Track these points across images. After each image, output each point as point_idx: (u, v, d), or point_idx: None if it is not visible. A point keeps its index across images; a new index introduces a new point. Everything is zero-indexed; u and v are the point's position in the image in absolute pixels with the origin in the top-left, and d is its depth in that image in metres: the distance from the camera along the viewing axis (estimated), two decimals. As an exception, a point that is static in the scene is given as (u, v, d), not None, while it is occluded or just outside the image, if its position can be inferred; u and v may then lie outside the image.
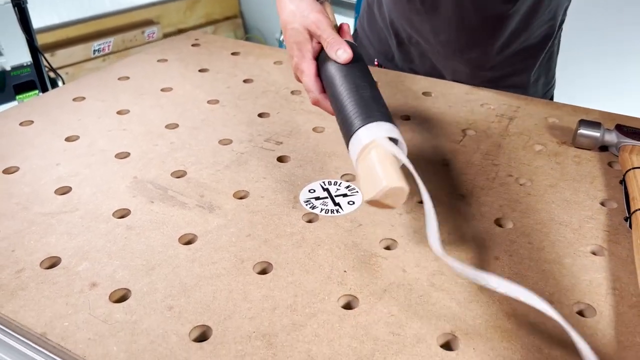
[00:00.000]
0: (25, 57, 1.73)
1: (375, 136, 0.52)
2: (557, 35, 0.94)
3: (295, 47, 0.65)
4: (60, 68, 2.38)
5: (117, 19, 2.70)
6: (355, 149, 0.53)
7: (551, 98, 1.02)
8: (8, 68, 1.70)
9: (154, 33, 2.80)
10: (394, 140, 0.53)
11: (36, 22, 1.82)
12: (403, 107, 0.84)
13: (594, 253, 0.56)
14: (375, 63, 1.02)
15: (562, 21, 0.93)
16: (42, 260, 0.55)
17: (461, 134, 0.77)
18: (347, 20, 1.26)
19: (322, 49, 0.64)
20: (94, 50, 2.59)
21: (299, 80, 0.67)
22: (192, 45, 1.06)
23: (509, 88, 0.90)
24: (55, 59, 2.41)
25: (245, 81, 0.92)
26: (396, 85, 0.90)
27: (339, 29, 0.68)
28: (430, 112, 0.82)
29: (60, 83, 1.84)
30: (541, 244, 0.57)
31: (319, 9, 0.64)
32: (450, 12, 0.85)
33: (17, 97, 1.74)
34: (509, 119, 0.81)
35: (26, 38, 1.69)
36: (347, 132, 0.56)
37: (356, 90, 0.58)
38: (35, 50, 1.74)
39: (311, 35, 0.64)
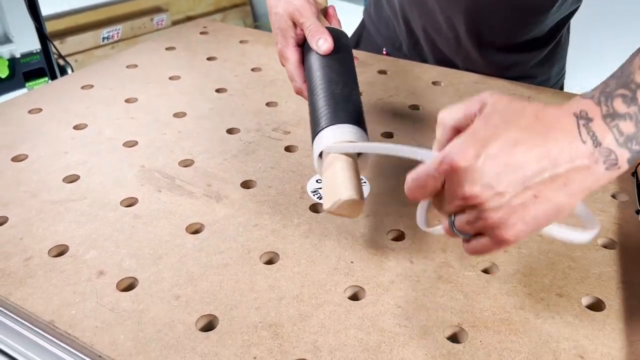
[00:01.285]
0: (35, 45, 1.74)
1: (335, 139, 0.51)
2: (567, 23, 0.92)
3: (279, 34, 0.64)
4: (69, 55, 2.38)
5: (126, 6, 2.69)
6: (317, 148, 0.53)
7: (561, 88, 1.01)
8: (18, 55, 1.71)
9: (162, 20, 2.79)
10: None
11: (45, 10, 1.82)
12: (412, 96, 0.83)
13: (604, 246, 0.56)
14: (384, 52, 1.01)
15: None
16: (50, 249, 0.56)
17: (471, 125, 0.76)
18: (356, 9, 1.24)
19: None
20: (103, 38, 2.59)
21: (284, 67, 0.66)
22: (200, 33, 1.06)
23: (520, 78, 0.89)
24: (64, 46, 2.42)
25: (253, 70, 0.92)
26: (405, 74, 0.89)
27: (325, 13, 0.67)
28: (439, 102, 0.81)
29: (69, 70, 1.84)
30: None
31: None
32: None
33: (27, 84, 1.75)
34: (520, 109, 0.80)
35: (35, 25, 1.69)
36: (313, 130, 0.55)
37: (328, 86, 0.56)
38: (44, 38, 1.74)
39: (295, 22, 0.63)
